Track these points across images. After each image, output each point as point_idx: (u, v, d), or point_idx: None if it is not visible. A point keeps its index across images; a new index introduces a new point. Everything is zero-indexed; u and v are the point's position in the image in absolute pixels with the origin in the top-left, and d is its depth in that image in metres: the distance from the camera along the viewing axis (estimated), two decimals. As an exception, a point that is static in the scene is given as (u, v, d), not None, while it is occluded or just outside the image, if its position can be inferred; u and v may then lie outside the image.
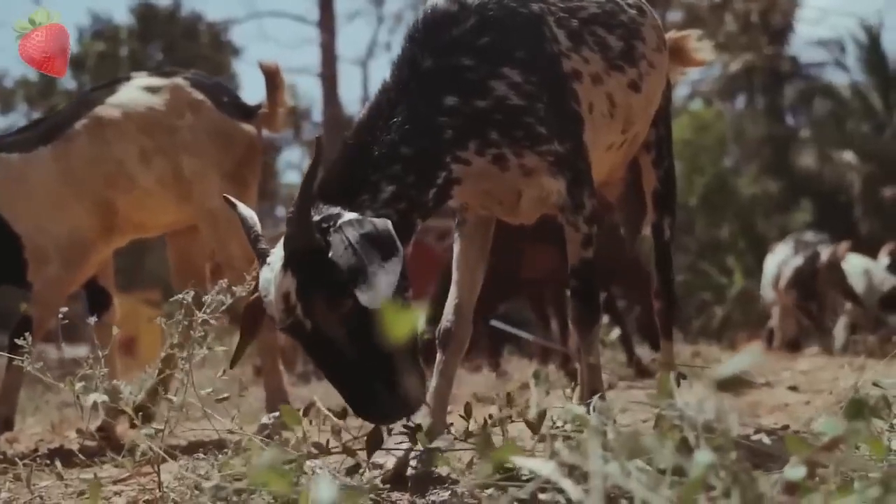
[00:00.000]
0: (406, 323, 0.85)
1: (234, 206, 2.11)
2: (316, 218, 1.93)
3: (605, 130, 2.45)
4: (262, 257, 1.97)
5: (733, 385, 1.27)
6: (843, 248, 8.40)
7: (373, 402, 1.88)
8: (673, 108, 3.06)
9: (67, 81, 21.18)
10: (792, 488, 1.15)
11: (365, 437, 1.91)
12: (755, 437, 2.35)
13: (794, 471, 1.20)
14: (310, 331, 1.88)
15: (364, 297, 1.80)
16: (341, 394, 1.89)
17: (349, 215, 1.94)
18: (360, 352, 1.87)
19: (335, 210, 1.96)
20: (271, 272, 1.91)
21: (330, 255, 1.86)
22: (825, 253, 8.39)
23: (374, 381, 1.87)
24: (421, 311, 0.87)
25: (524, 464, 1.24)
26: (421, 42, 2.20)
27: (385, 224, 1.91)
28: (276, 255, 1.93)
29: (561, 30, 2.33)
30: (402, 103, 2.14)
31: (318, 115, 23.44)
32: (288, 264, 1.88)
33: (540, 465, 1.22)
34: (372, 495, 1.71)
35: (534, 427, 1.92)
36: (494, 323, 6.59)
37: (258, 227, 2.06)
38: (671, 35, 2.96)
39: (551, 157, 2.23)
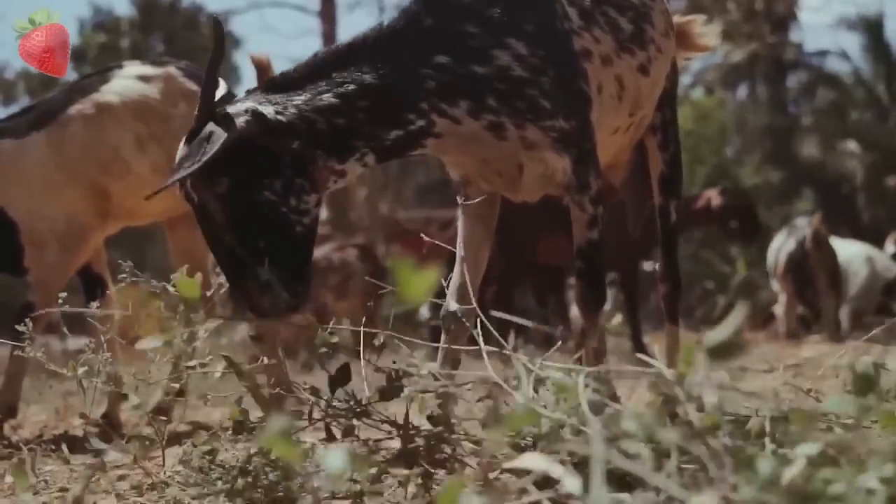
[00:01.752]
0: (419, 285, 0.84)
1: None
2: (243, 103, 2.06)
3: (613, 113, 2.44)
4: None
5: (726, 351, 1.25)
6: (815, 219, 8.40)
7: (240, 287, 2.02)
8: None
9: (69, 73, 21.17)
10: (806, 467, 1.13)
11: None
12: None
13: (808, 447, 1.18)
14: (196, 204, 2.06)
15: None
16: (223, 273, 2.06)
17: (236, 106, 2.04)
18: (236, 235, 2.02)
19: (248, 101, 2.07)
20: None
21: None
22: (807, 231, 8.37)
23: (246, 268, 2.01)
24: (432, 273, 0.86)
25: (524, 463, 1.21)
26: (429, 2, 2.20)
27: (230, 130, 1.99)
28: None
29: (573, 7, 2.32)
30: (387, 46, 2.15)
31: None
32: (188, 138, 2.05)
33: (535, 462, 1.20)
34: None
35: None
36: (494, 313, 6.60)
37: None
38: (676, 20, 2.94)
39: (555, 133, 2.22)
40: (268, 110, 2.06)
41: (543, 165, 2.25)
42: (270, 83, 2.15)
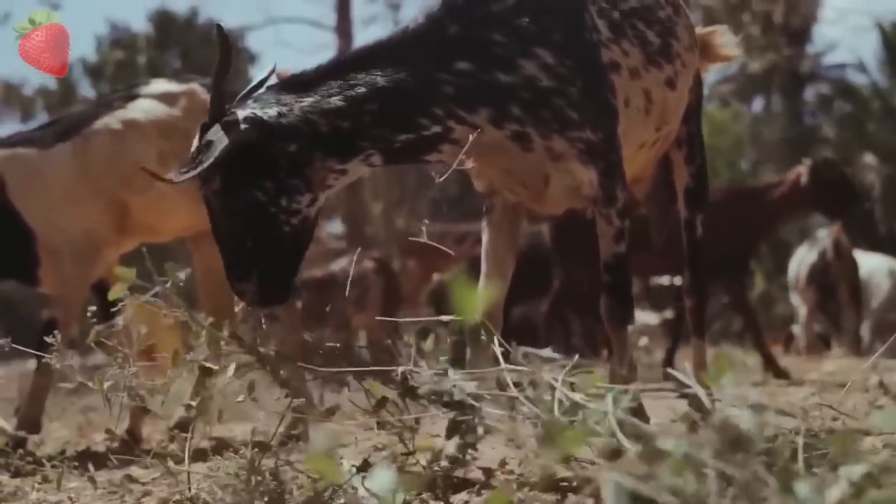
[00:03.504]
0: (472, 301, 0.82)
1: None
2: (250, 98, 2.15)
3: (640, 127, 2.43)
4: None
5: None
6: (835, 229, 8.27)
7: (234, 275, 2.17)
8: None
9: (86, 90, 21.33)
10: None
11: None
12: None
13: (854, 469, 1.15)
14: (204, 194, 2.17)
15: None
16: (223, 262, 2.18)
17: (243, 112, 2.10)
18: (228, 232, 2.14)
19: (258, 101, 2.14)
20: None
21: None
22: (827, 242, 8.27)
23: (240, 260, 2.15)
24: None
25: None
26: (453, 10, 2.20)
27: (226, 138, 2.06)
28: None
29: (602, 20, 2.31)
30: (406, 50, 2.17)
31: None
32: (200, 132, 2.13)
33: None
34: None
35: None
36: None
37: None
38: (697, 31, 2.94)
39: (582, 145, 2.20)
40: (271, 112, 2.11)
41: (570, 177, 2.24)
42: (288, 81, 2.21)
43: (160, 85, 3.69)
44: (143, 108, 3.55)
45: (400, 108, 2.15)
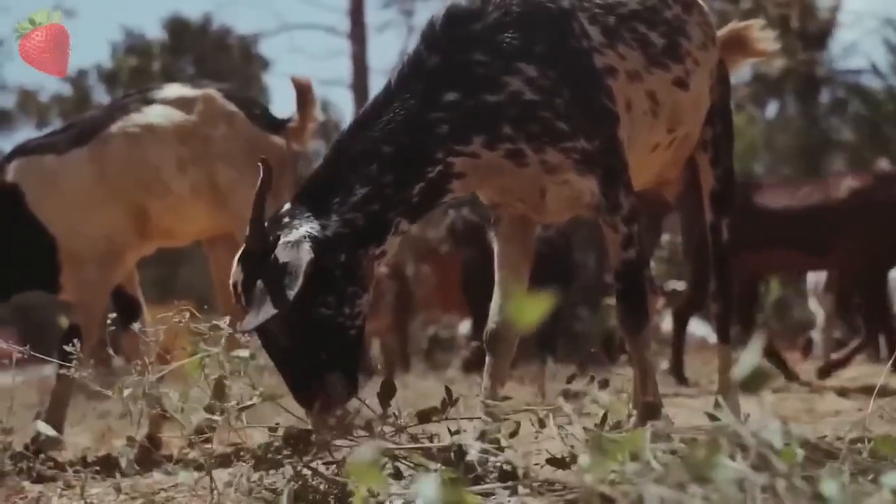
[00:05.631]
0: (532, 311, 0.81)
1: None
2: (285, 220, 2.10)
3: (648, 129, 2.40)
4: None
5: (757, 383, 1.20)
6: None
7: (300, 390, 2.10)
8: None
9: (101, 96, 21.45)
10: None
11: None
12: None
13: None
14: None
15: (248, 317, 2.01)
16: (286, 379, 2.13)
17: (293, 234, 2.06)
18: (292, 348, 2.08)
19: (298, 220, 2.09)
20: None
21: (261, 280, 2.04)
22: None
23: (303, 375, 2.09)
24: (545, 300, 0.83)
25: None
26: (431, 40, 2.20)
27: (302, 259, 2.02)
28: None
29: (594, 26, 2.29)
30: (396, 102, 2.16)
31: (347, 126, 23.47)
32: (240, 259, 2.10)
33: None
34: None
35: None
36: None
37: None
38: (731, 26, 2.90)
39: (577, 155, 2.19)
40: (316, 227, 2.09)
41: (568, 188, 2.23)
42: (305, 194, 2.16)
43: (175, 89, 3.67)
44: (159, 112, 3.53)
45: (409, 167, 2.15)
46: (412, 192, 2.15)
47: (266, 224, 2.09)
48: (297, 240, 2.05)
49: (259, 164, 2.09)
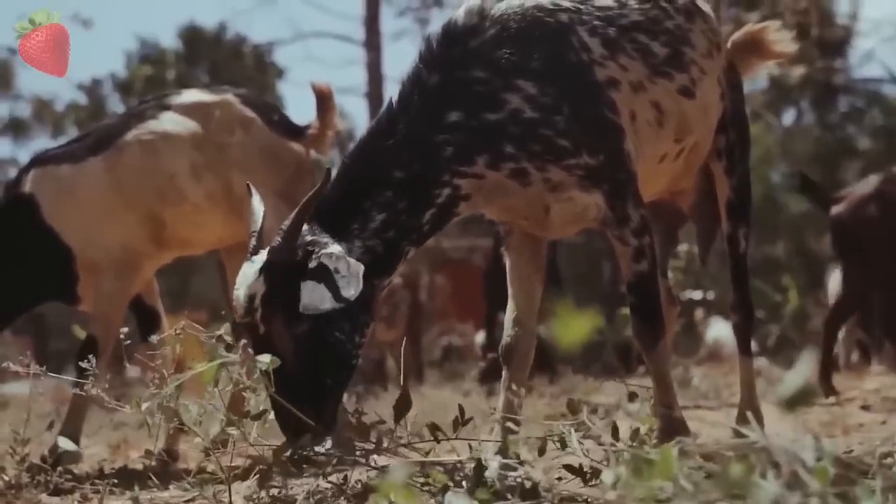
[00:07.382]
0: (577, 330, 0.79)
1: (250, 194, 2.22)
2: (307, 238, 2.05)
3: (654, 140, 2.38)
4: (252, 251, 2.11)
5: (801, 401, 1.17)
6: None
7: (289, 420, 1.99)
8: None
9: (116, 105, 21.56)
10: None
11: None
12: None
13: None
14: (261, 335, 2.03)
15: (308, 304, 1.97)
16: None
17: (333, 248, 2.03)
18: (297, 371, 2.01)
19: (325, 238, 2.06)
20: (249, 268, 2.06)
21: (305, 279, 2.00)
22: None
23: (300, 402, 1.98)
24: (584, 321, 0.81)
25: None
26: (429, 58, 2.19)
27: (357, 268, 1.99)
28: (262, 255, 2.07)
29: (594, 38, 2.27)
30: (401, 123, 2.15)
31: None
32: (265, 270, 2.03)
33: None
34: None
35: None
36: None
37: (260, 222, 2.18)
38: (747, 28, 2.87)
39: (580, 171, 2.18)
40: (344, 251, 2.06)
41: (572, 204, 2.23)
42: (320, 217, 2.12)
43: (193, 94, 3.64)
44: (174, 119, 3.50)
45: (421, 192, 2.15)
46: (423, 218, 2.15)
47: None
48: (341, 254, 2.03)
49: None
